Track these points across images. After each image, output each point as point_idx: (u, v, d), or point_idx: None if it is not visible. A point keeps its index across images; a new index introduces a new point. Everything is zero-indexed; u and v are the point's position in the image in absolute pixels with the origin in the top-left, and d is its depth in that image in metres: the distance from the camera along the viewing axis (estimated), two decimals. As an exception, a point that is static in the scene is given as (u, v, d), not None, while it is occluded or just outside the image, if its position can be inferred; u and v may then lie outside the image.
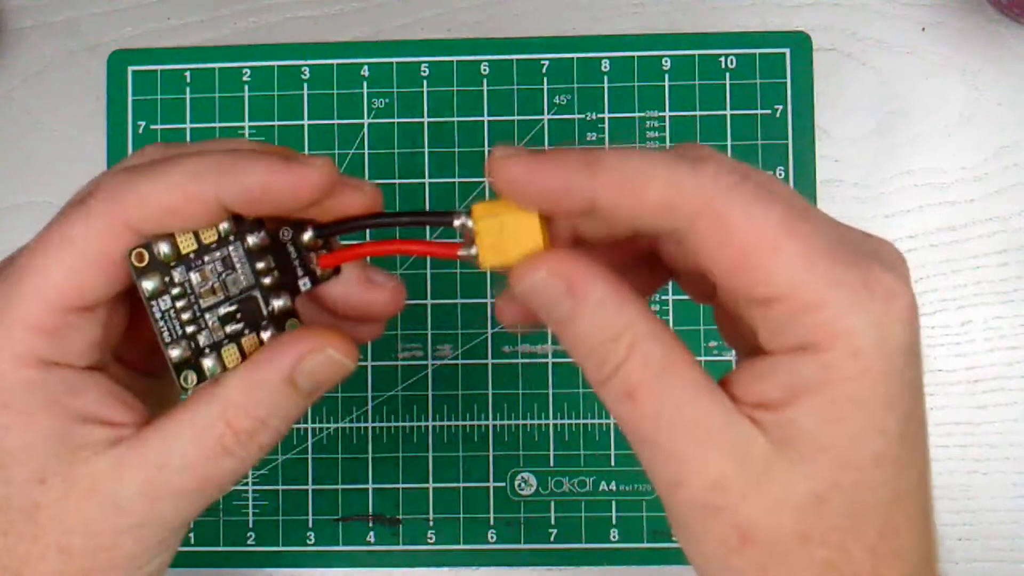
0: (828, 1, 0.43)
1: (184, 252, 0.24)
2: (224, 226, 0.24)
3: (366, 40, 0.44)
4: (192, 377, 0.24)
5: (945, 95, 0.43)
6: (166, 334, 0.24)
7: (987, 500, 0.42)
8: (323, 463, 0.43)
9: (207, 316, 0.25)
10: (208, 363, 0.25)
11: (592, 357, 0.22)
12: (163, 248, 0.24)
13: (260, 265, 0.25)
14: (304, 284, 0.25)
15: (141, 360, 0.27)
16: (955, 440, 0.42)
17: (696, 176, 0.21)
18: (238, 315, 0.25)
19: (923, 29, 0.43)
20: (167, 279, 0.24)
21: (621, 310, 0.22)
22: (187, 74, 0.44)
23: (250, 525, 0.43)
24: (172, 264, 0.24)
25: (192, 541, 0.43)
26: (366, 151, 0.43)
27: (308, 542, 0.42)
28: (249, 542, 0.43)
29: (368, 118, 0.43)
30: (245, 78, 0.44)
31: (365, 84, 0.44)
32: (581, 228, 0.24)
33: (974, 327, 0.42)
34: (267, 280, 0.25)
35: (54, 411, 0.23)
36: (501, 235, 0.23)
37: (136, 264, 0.24)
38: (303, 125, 0.44)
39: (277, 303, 0.25)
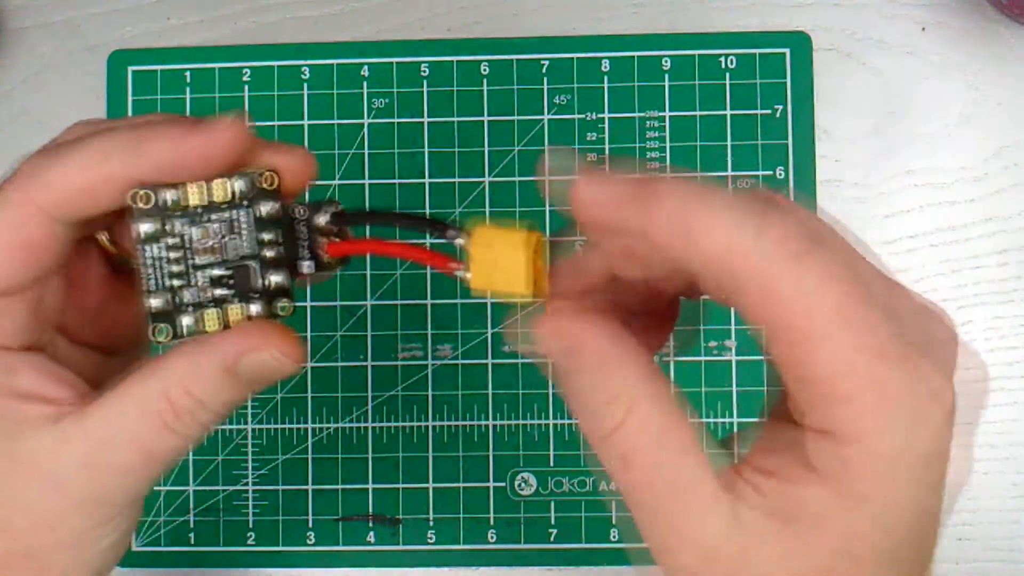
0: (828, 1, 0.43)
1: (191, 204, 0.24)
2: (240, 186, 0.24)
3: (366, 40, 0.44)
4: (167, 332, 0.24)
5: (945, 95, 0.43)
6: (151, 282, 0.24)
7: (987, 500, 0.42)
8: (323, 463, 0.43)
9: (198, 274, 0.24)
10: (186, 321, 0.24)
11: (589, 416, 0.22)
12: (168, 195, 0.23)
13: (266, 236, 0.24)
14: (308, 267, 0.25)
15: (96, 337, 0.27)
16: (955, 440, 0.42)
17: (759, 239, 0.19)
18: (230, 281, 0.24)
19: (923, 29, 0.43)
20: (166, 227, 0.24)
21: (620, 372, 0.21)
22: (187, 74, 0.44)
23: (250, 525, 0.43)
24: (176, 213, 0.24)
25: (192, 541, 0.43)
26: (366, 151, 0.43)
27: (308, 542, 0.42)
28: (249, 542, 0.43)
29: (368, 118, 0.43)
30: (245, 78, 0.44)
31: (365, 84, 0.44)
32: (618, 265, 0.23)
33: (974, 327, 0.42)
34: (269, 253, 0.24)
35: None
36: (493, 265, 0.23)
37: (138, 205, 0.23)
38: (303, 125, 0.44)
39: (274, 278, 0.25)
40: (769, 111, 0.43)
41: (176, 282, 0.24)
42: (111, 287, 0.27)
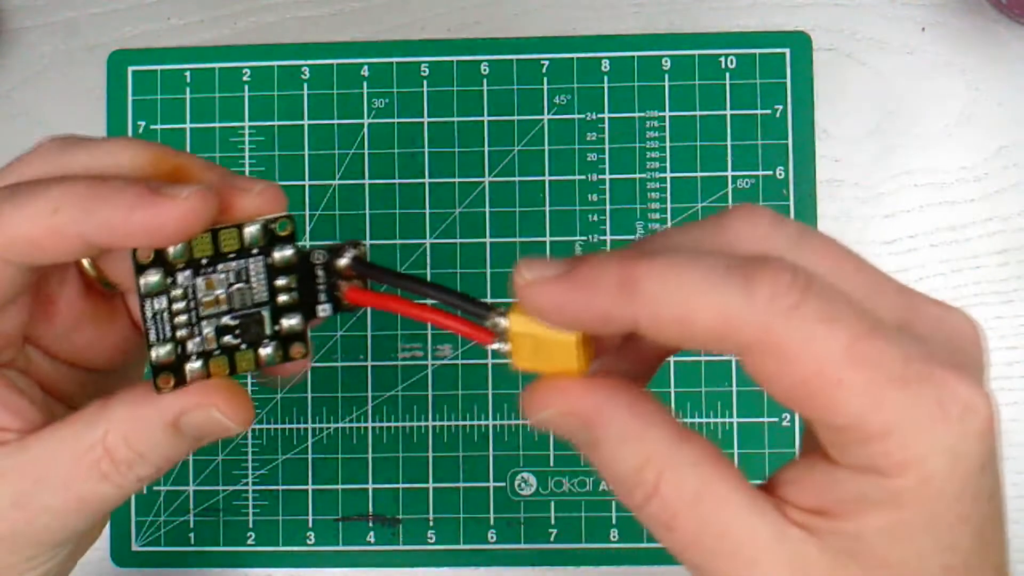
0: (828, 1, 0.43)
1: (196, 256, 0.23)
2: (251, 234, 0.23)
3: (366, 40, 0.44)
4: (170, 381, 0.23)
5: (945, 95, 0.43)
6: (152, 334, 0.23)
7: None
8: (323, 463, 0.43)
9: (203, 323, 0.23)
10: (195, 366, 0.23)
11: (620, 486, 0.21)
12: (172, 247, 0.23)
13: (280, 282, 0.24)
14: (324, 310, 0.24)
15: (73, 354, 0.26)
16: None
17: (750, 302, 0.19)
18: (237, 330, 0.24)
19: (923, 29, 0.43)
20: (169, 279, 0.23)
21: (644, 440, 0.20)
22: (187, 74, 0.44)
23: (250, 525, 0.43)
24: (179, 266, 0.23)
25: (192, 541, 0.43)
26: (366, 151, 0.43)
27: (308, 542, 0.42)
28: (249, 542, 0.43)
29: (368, 118, 0.43)
30: (245, 78, 0.44)
31: (365, 84, 0.44)
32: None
33: (974, 327, 0.42)
34: (283, 297, 0.24)
35: None
36: (536, 348, 0.21)
37: (139, 259, 0.22)
38: (303, 125, 0.44)
39: (287, 323, 0.24)
40: (769, 111, 0.43)
41: (181, 332, 0.23)
42: (87, 307, 0.26)
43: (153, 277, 0.23)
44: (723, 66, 0.43)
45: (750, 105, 0.43)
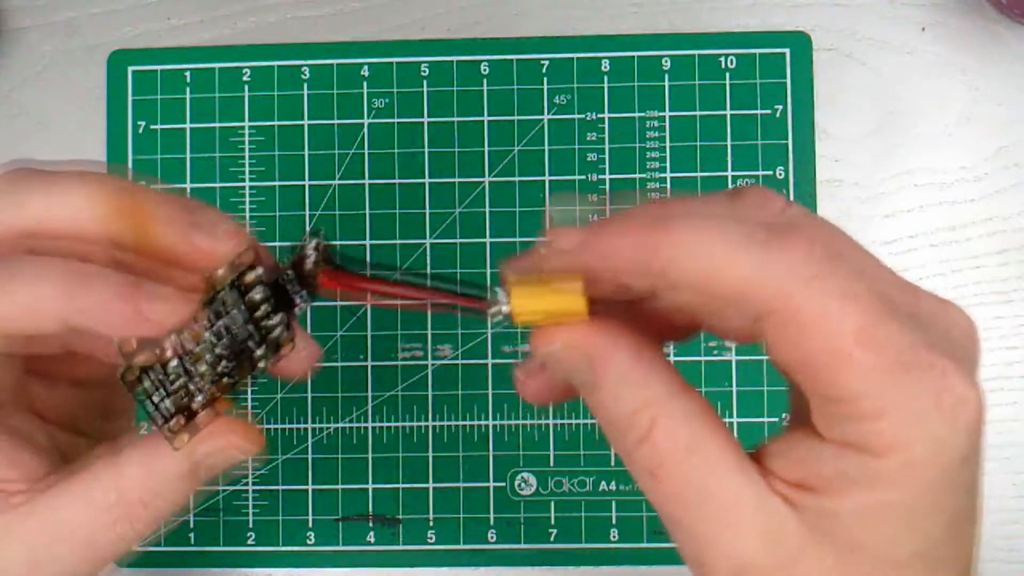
0: (828, 1, 0.43)
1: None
2: (220, 275, 0.23)
3: (366, 40, 0.44)
4: (186, 437, 0.24)
5: (945, 95, 0.43)
6: (150, 407, 0.23)
7: (987, 500, 0.41)
8: (323, 463, 0.43)
9: (201, 368, 0.24)
10: (202, 412, 0.24)
11: (614, 428, 0.21)
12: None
13: (258, 313, 0.24)
14: (303, 298, 0.24)
15: (63, 419, 0.26)
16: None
17: (775, 266, 0.19)
18: (229, 360, 0.24)
19: (923, 29, 0.43)
20: (157, 351, 0.23)
21: (644, 384, 0.21)
22: (187, 74, 0.44)
23: (250, 525, 0.43)
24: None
25: (192, 541, 0.43)
26: (366, 151, 0.43)
27: (308, 542, 0.42)
28: (249, 542, 0.43)
29: (368, 118, 0.43)
30: (245, 78, 0.44)
31: (365, 84, 0.44)
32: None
33: (974, 327, 0.42)
34: (263, 323, 0.24)
35: None
36: (541, 295, 0.22)
37: (125, 350, 0.23)
38: (303, 125, 0.44)
39: (270, 322, 0.24)
40: (769, 111, 0.43)
41: (178, 382, 0.23)
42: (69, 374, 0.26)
43: (140, 359, 0.23)
44: (723, 66, 0.43)
45: (750, 105, 0.43)
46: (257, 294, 0.23)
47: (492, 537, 0.42)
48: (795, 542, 0.20)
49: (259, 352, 0.24)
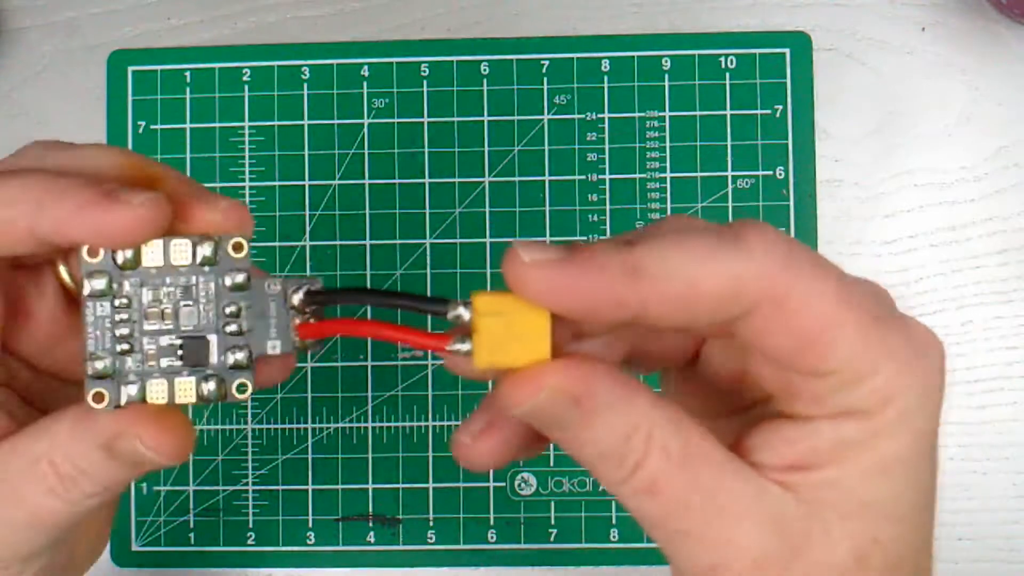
0: (828, 1, 0.43)
1: (145, 265, 0.22)
2: (203, 251, 0.22)
3: (366, 40, 0.44)
4: (104, 397, 0.22)
5: (945, 95, 0.43)
6: (91, 343, 0.22)
7: (987, 500, 0.42)
8: (323, 463, 0.43)
9: (145, 340, 0.22)
10: (130, 391, 0.22)
11: (607, 460, 0.21)
12: (121, 252, 0.22)
13: (229, 308, 0.23)
14: (274, 347, 0.23)
15: (56, 367, 0.26)
16: (955, 440, 0.42)
17: (749, 258, 0.20)
18: (180, 351, 0.22)
19: (923, 29, 0.43)
20: (115, 285, 0.22)
21: (632, 406, 0.21)
22: (187, 74, 0.44)
23: (250, 525, 0.43)
24: (127, 271, 0.22)
25: (192, 541, 0.43)
26: (366, 151, 0.43)
27: (308, 542, 0.42)
28: (249, 542, 0.43)
29: (368, 118, 0.43)
30: (245, 78, 0.44)
31: (365, 84, 0.44)
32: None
33: (974, 327, 0.42)
34: (231, 327, 0.23)
35: None
36: (505, 335, 0.21)
37: (86, 258, 0.22)
38: (303, 125, 0.44)
39: (234, 356, 0.23)
40: (769, 111, 0.43)
41: (122, 346, 0.22)
42: (67, 321, 0.26)
43: (99, 281, 0.22)
44: (723, 66, 0.43)
45: (750, 105, 0.43)
46: (237, 277, 0.22)
47: (492, 537, 0.42)
48: (799, 523, 0.21)
49: (211, 386, 0.23)
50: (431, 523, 0.42)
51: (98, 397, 0.22)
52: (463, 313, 0.21)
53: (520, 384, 0.21)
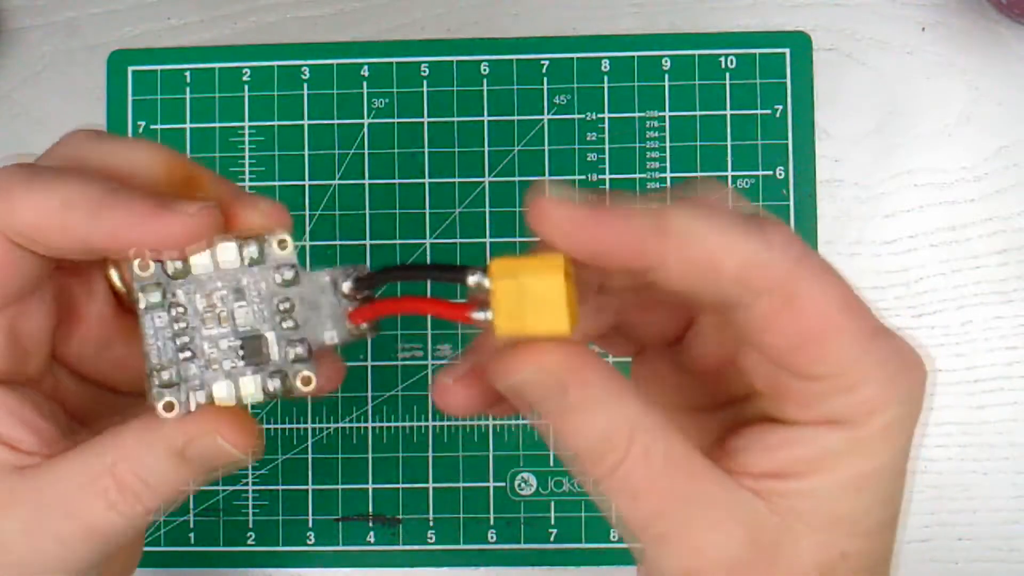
0: (828, 1, 0.43)
1: (193, 272, 0.23)
2: (249, 252, 0.23)
3: (366, 40, 0.44)
4: (174, 406, 0.22)
5: (945, 95, 0.43)
6: (153, 355, 0.23)
7: (987, 500, 0.42)
8: (323, 463, 0.43)
9: (205, 345, 0.23)
10: (198, 396, 0.23)
11: (587, 454, 0.21)
12: (170, 262, 0.22)
13: (281, 305, 0.23)
14: (331, 337, 0.23)
15: (102, 374, 0.26)
16: (955, 440, 0.42)
17: (769, 249, 0.20)
18: (240, 351, 0.23)
19: (923, 29, 0.43)
20: (169, 295, 0.23)
21: (620, 405, 0.21)
22: (187, 74, 0.44)
23: (250, 525, 0.43)
24: (179, 281, 0.23)
25: (192, 541, 0.43)
26: (366, 151, 0.43)
27: (308, 542, 0.42)
28: (249, 542, 0.43)
29: (368, 118, 0.43)
30: (245, 78, 0.44)
31: (365, 84, 0.44)
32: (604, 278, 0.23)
33: (974, 327, 0.42)
34: (287, 323, 0.23)
35: None
36: (521, 300, 0.20)
37: (137, 272, 0.22)
38: (303, 125, 0.44)
39: (293, 350, 0.23)
40: (769, 111, 0.43)
41: (183, 354, 0.23)
42: (116, 324, 0.26)
43: (154, 294, 0.22)
44: (723, 66, 0.43)
45: (750, 105, 0.43)
46: (286, 273, 0.23)
47: (492, 537, 0.42)
48: (771, 532, 0.21)
49: (276, 383, 0.23)
50: (431, 523, 0.42)
51: (168, 406, 0.22)
52: (483, 281, 0.21)
53: (512, 356, 0.21)
